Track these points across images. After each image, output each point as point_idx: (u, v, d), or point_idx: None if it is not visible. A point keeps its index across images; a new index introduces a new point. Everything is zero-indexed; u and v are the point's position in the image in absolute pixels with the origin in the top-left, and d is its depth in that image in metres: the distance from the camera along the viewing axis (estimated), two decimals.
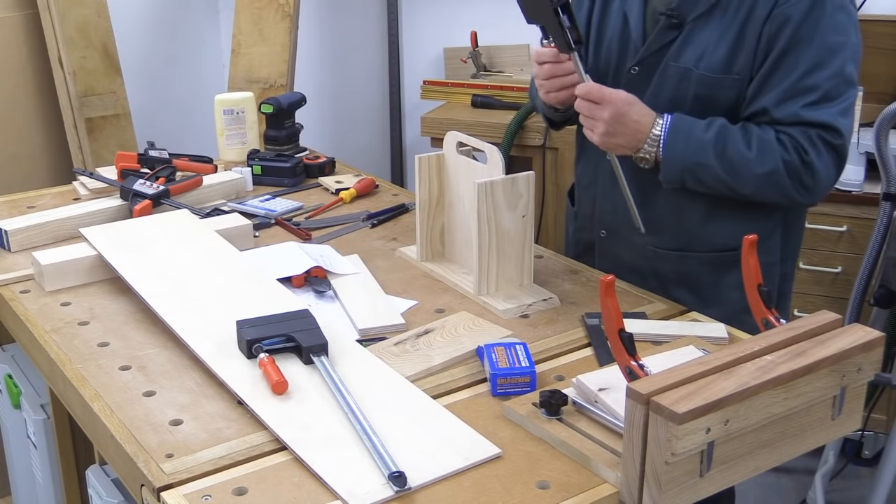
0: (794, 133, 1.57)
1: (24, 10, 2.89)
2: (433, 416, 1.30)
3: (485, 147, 1.67)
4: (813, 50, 1.54)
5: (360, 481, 1.16)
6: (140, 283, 1.65)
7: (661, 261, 1.77)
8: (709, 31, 1.60)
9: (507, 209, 1.64)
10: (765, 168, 1.57)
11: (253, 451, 1.25)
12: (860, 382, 1.22)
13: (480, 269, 1.67)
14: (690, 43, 1.62)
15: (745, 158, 1.58)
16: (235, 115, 2.44)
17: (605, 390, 1.26)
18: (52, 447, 1.80)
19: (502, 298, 1.66)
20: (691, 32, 1.61)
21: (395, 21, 3.74)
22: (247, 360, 1.42)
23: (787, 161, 1.57)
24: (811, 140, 1.56)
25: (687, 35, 1.62)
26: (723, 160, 1.58)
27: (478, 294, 1.68)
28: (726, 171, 1.59)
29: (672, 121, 1.61)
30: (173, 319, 1.54)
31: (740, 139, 1.58)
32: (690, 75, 1.61)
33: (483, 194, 1.61)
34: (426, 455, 1.21)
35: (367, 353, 1.46)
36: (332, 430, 1.27)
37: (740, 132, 1.59)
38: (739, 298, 1.49)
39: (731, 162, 1.58)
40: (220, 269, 1.72)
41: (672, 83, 1.64)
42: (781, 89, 1.57)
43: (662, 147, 1.61)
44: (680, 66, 1.62)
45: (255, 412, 1.31)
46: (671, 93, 1.64)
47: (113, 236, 1.82)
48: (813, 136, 1.56)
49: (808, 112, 1.56)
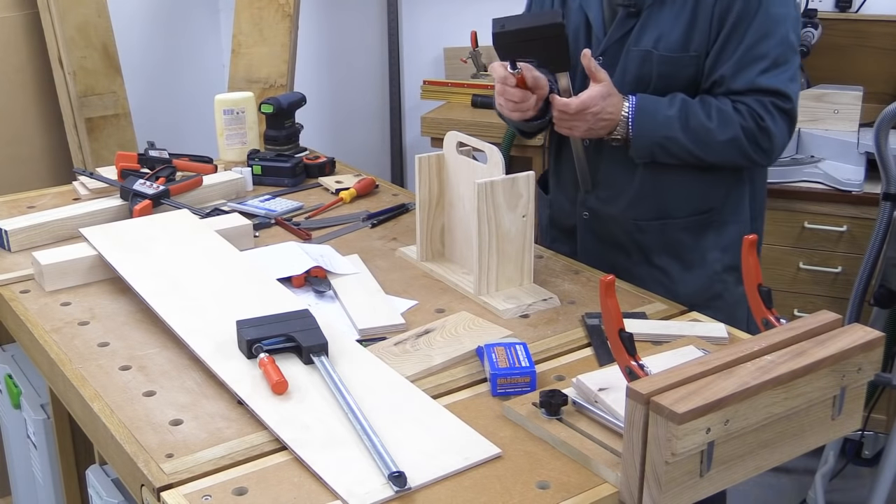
0: (749, 101, 1.70)
1: (24, 10, 2.89)
2: (433, 416, 1.30)
3: (485, 147, 1.67)
4: (760, 20, 1.67)
5: (360, 481, 1.16)
6: (140, 283, 1.65)
7: (643, 232, 1.86)
8: (664, 15, 1.72)
9: (508, 209, 1.64)
10: (726, 135, 1.71)
11: (253, 451, 1.25)
12: (860, 382, 1.22)
13: (480, 269, 1.67)
14: (648, 28, 1.73)
15: (708, 129, 1.71)
16: (235, 115, 2.44)
17: (605, 390, 1.26)
18: (52, 447, 1.80)
19: (502, 298, 1.66)
20: (648, 18, 1.73)
21: (395, 21, 3.74)
22: (247, 359, 1.43)
23: (745, 127, 1.70)
24: (765, 107, 1.70)
25: (644, 21, 1.73)
26: (687, 132, 1.71)
27: (478, 294, 1.68)
28: (692, 141, 1.72)
29: (637, 101, 1.72)
30: (173, 319, 1.54)
31: (701, 111, 1.71)
32: (651, 56, 1.73)
33: (483, 194, 1.61)
34: (426, 455, 1.21)
35: (367, 353, 1.46)
36: (332, 430, 1.27)
37: (700, 105, 1.72)
38: (720, 258, 1.85)
39: (696, 133, 1.71)
40: (220, 269, 1.72)
41: (635, 65, 1.75)
42: (735, 59, 1.70)
43: (631, 126, 1.72)
44: (641, 50, 1.74)
45: (255, 412, 1.31)
46: (635, 74, 1.75)
47: (113, 236, 1.82)
48: (766, 103, 1.70)
49: (762, 79, 1.69)
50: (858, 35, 3.00)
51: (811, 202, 2.68)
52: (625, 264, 1.87)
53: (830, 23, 2.99)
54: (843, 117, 2.83)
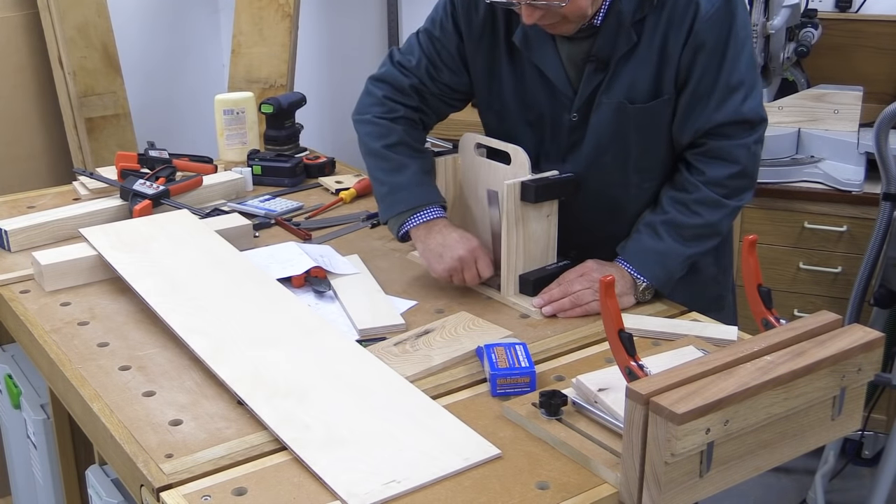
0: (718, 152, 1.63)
1: (24, 10, 2.89)
2: (433, 416, 1.30)
3: (508, 148, 1.67)
4: (732, 52, 1.59)
5: (360, 481, 1.16)
6: (139, 283, 1.65)
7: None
8: (633, 65, 1.61)
9: (534, 209, 1.65)
10: (718, 215, 1.66)
11: (253, 452, 1.25)
12: (860, 383, 1.22)
13: (508, 269, 1.67)
14: (618, 79, 1.62)
15: (702, 224, 1.65)
16: (235, 115, 2.44)
17: (604, 391, 1.26)
18: (52, 447, 1.80)
19: (530, 299, 1.66)
20: (617, 70, 1.62)
21: (395, 21, 3.74)
22: (245, 358, 1.42)
23: (726, 195, 1.65)
24: (747, 149, 1.63)
25: (613, 73, 1.62)
26: (688, 243, 1.66)
27: (505, 295, 1.68)
28: (700, 243, 1.67)
29: (627, 259, 1.66)
30: (172, 319, 1.54)
31: (684, 217, 1.65)
32: (625, 108, 1.63)
33: (511, 195, 1.62)
34: (426, 455, 1.21)
35: (367, 354, 1.46)
36: (332, 430, 1.27)
37: (677, 211, 1.66)
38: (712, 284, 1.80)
39: (697, 237, 1.66)
40: (219, 269, 1.72)
41: (608, 117, 1.65)
42: (715, 99, 1.61)
43: (642, 279, 1.65)
44: (612, 101, 1.64)
45: (255, 412, 1.31)
46: (611, 126, 1.66)
47: (113, 236, 1.82)
48: (750, 143, 1.63)
49: (743, 109, 1.61)
50: (858, 35, 3.00)
51: (811, 202, 2.68)
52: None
53: (830, 23, 2.98)
54: (843, 117, 2.82)
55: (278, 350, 1.46)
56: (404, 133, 1.76)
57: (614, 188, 1.71)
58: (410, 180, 1.71)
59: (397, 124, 1.76)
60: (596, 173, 1.69)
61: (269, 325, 1.53)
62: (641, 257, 1.66)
